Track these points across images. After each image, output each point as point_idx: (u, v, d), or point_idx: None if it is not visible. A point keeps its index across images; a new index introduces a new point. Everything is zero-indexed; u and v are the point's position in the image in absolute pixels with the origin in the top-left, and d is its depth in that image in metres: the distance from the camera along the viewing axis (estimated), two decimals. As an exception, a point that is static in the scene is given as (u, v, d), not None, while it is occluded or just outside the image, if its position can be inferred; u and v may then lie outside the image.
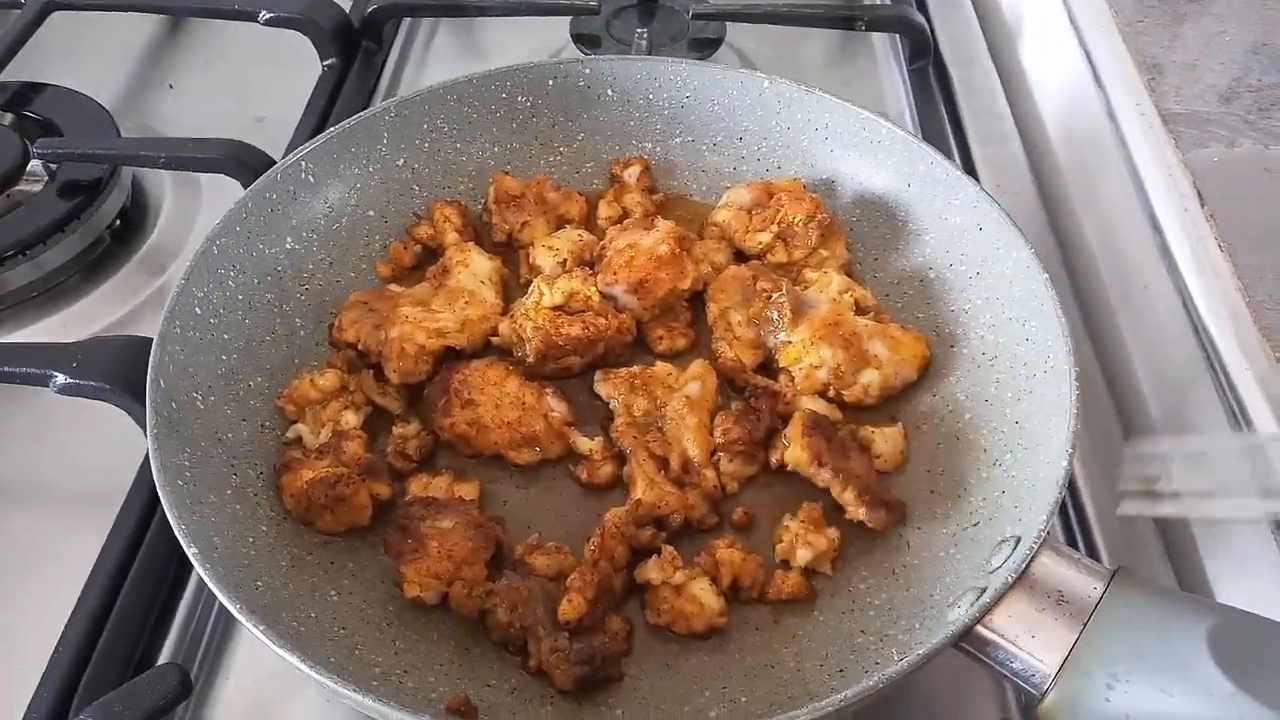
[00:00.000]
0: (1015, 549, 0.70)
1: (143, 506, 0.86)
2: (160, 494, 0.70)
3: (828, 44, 1.40)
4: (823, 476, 0.80)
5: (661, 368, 0.88)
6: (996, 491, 0.79)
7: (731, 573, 0.77)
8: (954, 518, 0.80)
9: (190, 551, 0.67)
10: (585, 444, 0.85)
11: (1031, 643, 0.65)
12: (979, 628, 0.66)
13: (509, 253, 1.00)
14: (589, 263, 0.95)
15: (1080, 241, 1.10)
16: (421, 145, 1.03)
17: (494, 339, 0.91)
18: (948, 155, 1.13)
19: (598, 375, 0.89)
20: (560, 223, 1.02)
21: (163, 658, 0.80)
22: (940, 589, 0.74)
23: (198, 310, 0.85)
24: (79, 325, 1.09)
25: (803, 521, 0.79)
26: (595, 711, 0.71)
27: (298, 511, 0.79)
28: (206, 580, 0.66)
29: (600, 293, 0.91)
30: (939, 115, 1.27)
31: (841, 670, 0.72)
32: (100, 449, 0.94)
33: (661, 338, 0.93)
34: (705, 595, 0.75)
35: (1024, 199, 1.18)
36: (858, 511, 0.79)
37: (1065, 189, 1.15)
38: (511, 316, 0.91)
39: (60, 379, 0.89)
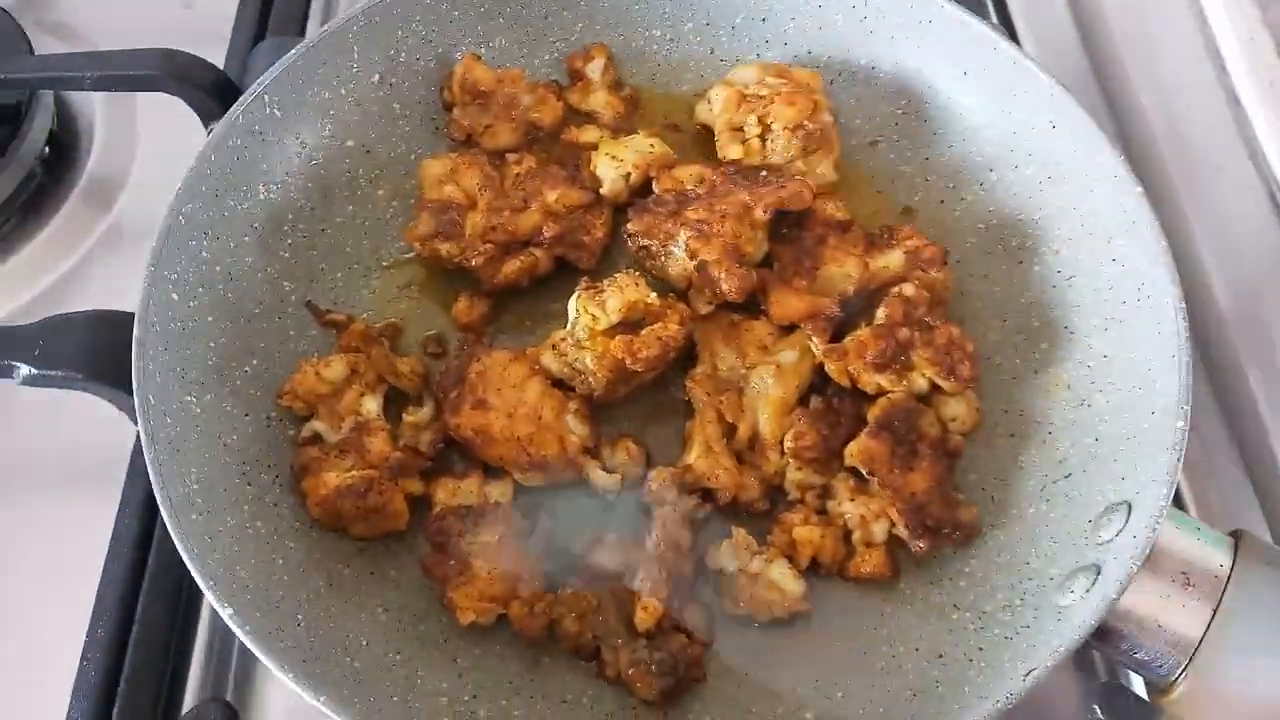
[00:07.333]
0: (1129, 520, 0.64)
1: (140, 505, 0.79)
2: (180, 548, 0.62)
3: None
4: (874, 486, 0.72)
5: (762, 325, 0.77)
6: (1088, 437, 0.72)
7: (811, 552, 0.71)
8: (1040, 466, 0.74)
9: (226, 614, 0.60)
10: (602, 479, 0.73)
11: (1158, 629, 0.61)
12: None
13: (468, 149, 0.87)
14: (645, 188, 0.83)
15: (1136, 114, 1.00)
16: (398, 56, 0.88)
17: (545, 362, 0.76)
18: (980, 10, 1.01)
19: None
20: (531, 129, 0.87)
21: (190, 684, 0.75)
22: (1037, 555, 0.69)
23: (174, 296, 0.73)
24: (30, 276, 0.98)
25: (850, 499, 0.73)
26: (684, 721, 0.67)
27: (325, 520, 0.71)
28: (254, 649, 0.59)
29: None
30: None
31: (940, 655, 0.68)
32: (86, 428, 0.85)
33: None
34: (785, 580, 0.69)
35: (1067, 60, 1.06)
36: (901, 532, 0.71)
37: (1118, 50, 1.03)
38: (555, 348, 0.75)
39: (24, 370, 0.78)
